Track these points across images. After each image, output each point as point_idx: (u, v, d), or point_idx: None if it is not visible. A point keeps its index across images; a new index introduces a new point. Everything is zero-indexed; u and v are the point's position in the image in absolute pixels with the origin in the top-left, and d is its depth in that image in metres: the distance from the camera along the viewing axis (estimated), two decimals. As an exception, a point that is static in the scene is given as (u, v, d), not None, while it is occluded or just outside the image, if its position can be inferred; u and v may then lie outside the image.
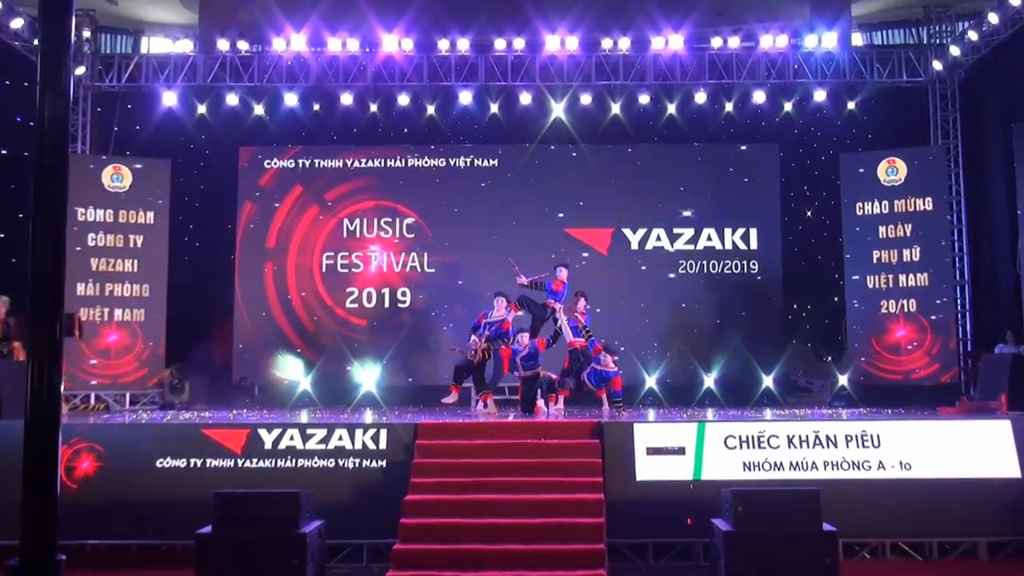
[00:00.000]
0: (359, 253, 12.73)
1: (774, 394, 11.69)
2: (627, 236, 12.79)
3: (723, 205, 12.66)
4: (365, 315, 12.56)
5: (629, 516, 7.34)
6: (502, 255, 11.03)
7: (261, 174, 12.92)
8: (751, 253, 12.56)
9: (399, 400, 11.63)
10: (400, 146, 12.87)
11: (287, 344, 12.40)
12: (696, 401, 11.63)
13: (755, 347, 12.00)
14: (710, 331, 12.35)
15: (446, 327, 12.38)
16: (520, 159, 12.75)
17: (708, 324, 12.40)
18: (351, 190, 12.95)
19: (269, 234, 12.73)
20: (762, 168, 12.78)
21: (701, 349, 12.13)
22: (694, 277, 12.54)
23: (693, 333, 12.30)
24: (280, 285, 12.64)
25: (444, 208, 12.83)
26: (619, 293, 12.37)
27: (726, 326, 12.26)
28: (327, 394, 11.85)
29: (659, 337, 12.39)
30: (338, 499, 7.50)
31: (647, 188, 12.78)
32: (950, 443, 7.71)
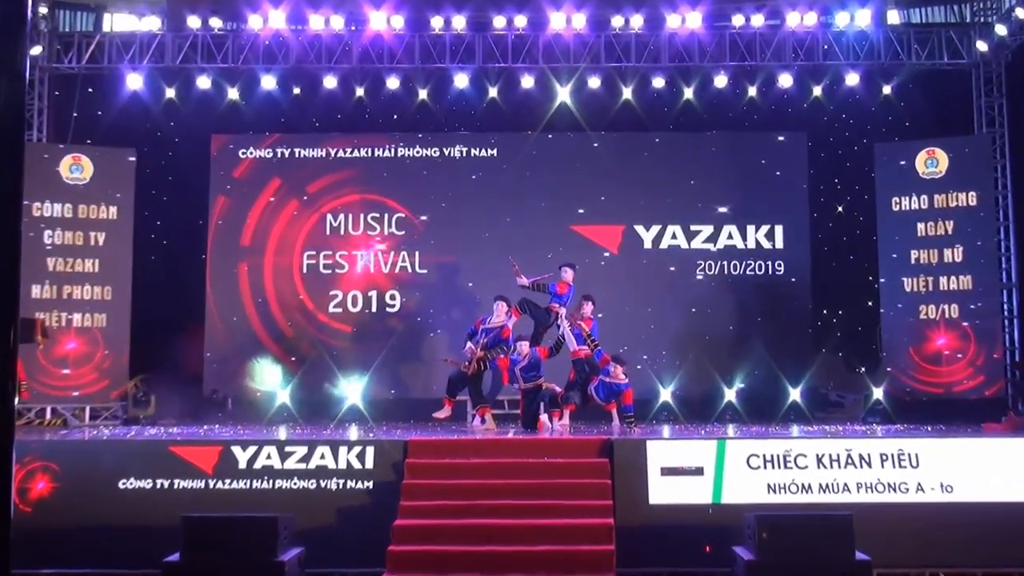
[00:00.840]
0: (343, 252, 12.72)
1: (801, 409, 11.68)
2: (639, 234, 12.78)
3: (745, 200, 12.68)
4: (350, 320, 12.58)
5: (641, 543, 7.33)
6: (501, 254, 11.03)
7: (235, 165, 12.91)
8: (776, 253, 12.57)
9: (387, 415, 11.62)
10: (389, 134, 12.86)
11: (264, 353, 12.40)
12: (715, 416, 11.61)
13: (780, 357, 12.00)
14: (731, 339, 12.36)
15: (439, 333, 12.40)
16: (521, 149, 12.75)
17: (729, 331, 12.41)
18: (335, 182, 12.94)
19: (244, 231, 12.72)
20: (788, 159, 12.78)
21: (721, 359, 12.14)
22: (713, 279, 12.55)
23: (712, 341, 12.30)
24: (256, 287, 12.64)
25: (437, 203, 12.82)
26: (630, 296, 12.39)
27: (748, 333, 12.28)
28: (308, 408, 11.84)
29: (674, 345, 12.39)
30: (320, 524, 7.49)
31: (661, 181, 12.80)
32: (996, 463, 7.72)
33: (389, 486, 7.58)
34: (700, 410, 11.72)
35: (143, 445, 8.17)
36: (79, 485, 7.65)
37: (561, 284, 9.97)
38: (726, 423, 11.02)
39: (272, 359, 12.31)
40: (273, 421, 11.28)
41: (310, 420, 11.31)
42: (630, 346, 11.59)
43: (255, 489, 7.66)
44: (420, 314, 12.59)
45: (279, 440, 8.13)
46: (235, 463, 7.74)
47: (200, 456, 7.79)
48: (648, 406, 11.62)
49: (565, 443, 8.24)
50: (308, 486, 7.66)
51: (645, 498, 7.53)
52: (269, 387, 11.98)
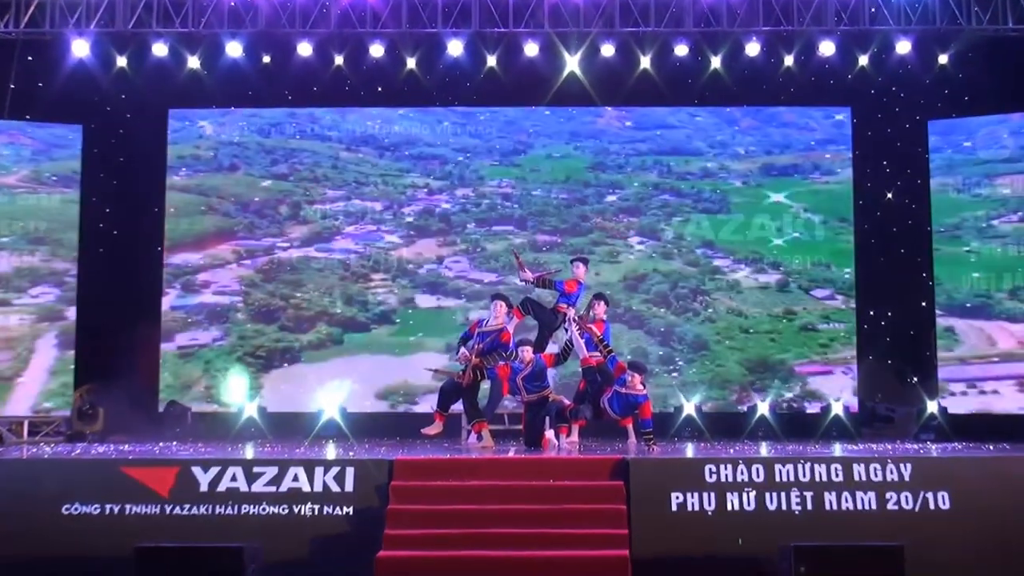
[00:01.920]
0: (326, 244, 12.81)
1: (845, 424, 11.73)
2: (659, 223, 12.83)
3: (780, 184, 12.65)
4: (328, 321, 12.65)
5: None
6: (503, 246, 11.07)
7: (197, 143, 12.94)
8: (815, 245, 12.55)
9: (370, 430, 11.67)
10: (372, 108, 12.89)
11: (229, 360, 12.44)
12: (747, 432, 11.65)
13: (802, 349, 12.09)
14: (764, 343, 12.39)
15: (430, 336, 12.42)
16: (524, 125, 12.82)
17: (762, 334, 12.45)
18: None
19: (206, 218, 12.84)
20: (830, 138, 12.76)
21: (753, 366, 12.14)
22: (743, 274, 12.54)
23: (743, 346, 12.31)
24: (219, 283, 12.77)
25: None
26: (648, 295, 12.39)
27: (784, 337, 12.26)
28: (279, 422, 11.88)
29: (699, 351, 12.40)
30: (292, 555, 7.48)
31: (685, 162, 12.82)
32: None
33: (372, 512, 7.57)
34: (729, 425, 11.76)
35: (90, 465, 8.14)
36: (17, 510, 7.61)
37: (570, 281, 9.91)
38: (758, 440, 11.05)
39: (238, 367, 12.33)
40: (239, 437, 11.32)
41: (282, 436, 11.34)
42: (648, 352, 11.62)
43: (218, 515, 7.63)
44: (409, 314, 12.71)
45: (246, 459, 8.13)
46: (195, 485, 7.72)
47: (155, 477, 7.76)
48: (669, 421, 11.65)
49: (574, 463, 8.21)
50: (279, 512, 7.63)
51: (666, 526, 7.54)
52: (235, 399, 12.06)
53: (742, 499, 7.65)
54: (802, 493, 7.68)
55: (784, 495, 7.66)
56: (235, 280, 13.10)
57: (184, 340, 12.95)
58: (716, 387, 12.61)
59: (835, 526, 7.56)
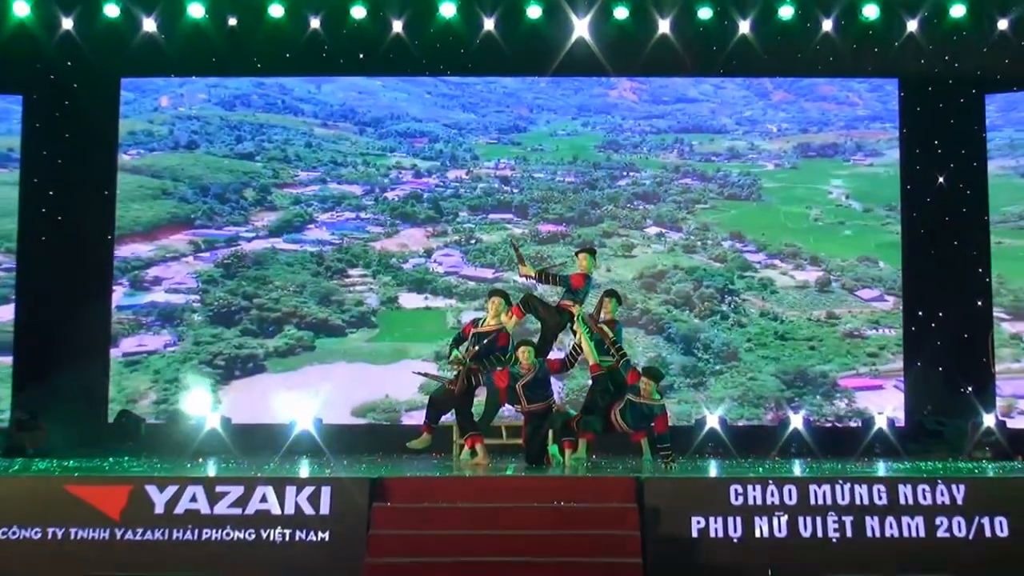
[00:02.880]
0: (297, 234, 12.92)
1: (889, 439, 11.80)
2: (679, 211, 12.93)
3: (819, 167, 12.72)
4: (301, 321, 12.74)
5: (679, 614, 7.37)
6: (500, 237, 11.11)
7: (153, 117, 12.99)
8: (861, 238, 12.68)
9: (349, 444, 11.73)
10: (352, 78, 12.98)
11: (188, 365, 12.50)
12: (779, 448, 11.73)
13: (847, 359, 12.12)
14: (803, 352, 12.47)
15: (416, 342, 12.49)
16: (525, 97, 12.87)
17: (800, 342, 12.52)
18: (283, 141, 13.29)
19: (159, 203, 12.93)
20: (875, 114, 12.81)
21: (790, 379, 12.21)
22: (778, 271, 12.62)
23: (778, 355, 12.41)
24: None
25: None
26: (668, 295, 12.50)
27: (826, 345, 12.35)
28: (246, 436, 11.92)
29: (728, 361, 12.47)
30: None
31: (709, 141, 12.89)
32: None
33: (350, 538, 7.54)
34: (758, 440, 11.85)
35: (30, 483, 8.08)
36: (-54, 535, 7.63)
37: (576, 275, 9.92)
38: (791, 458, 11.09)
39: (199, 373, 12.39)
40: (200, 453, 11.35)
41: (248, 452, 11.38)
42: (667, 357, 11.70)
43: (176, 541, 7.61)
44: (394, 313, 12.79)
45: (207, 477, 8.12)
46: (150, 507, 7.70)
47: (105, 498, 7.73)
48: (690, 435, 11.71)
49: (581, 483, 8.15)
50: (244, 538, 7.60)
51: (686, 555, 7.54)
52: (195, 410, 12.10)
53: (772, 524, 7.63)
54: (840, 518, 7.67)
55: (820, 520, 7.65)
56: (191, 276, 13.09)
57: (130, 346, 12.88)
58: (748, 404, 12.57)
59: (878, 555, 7.58)
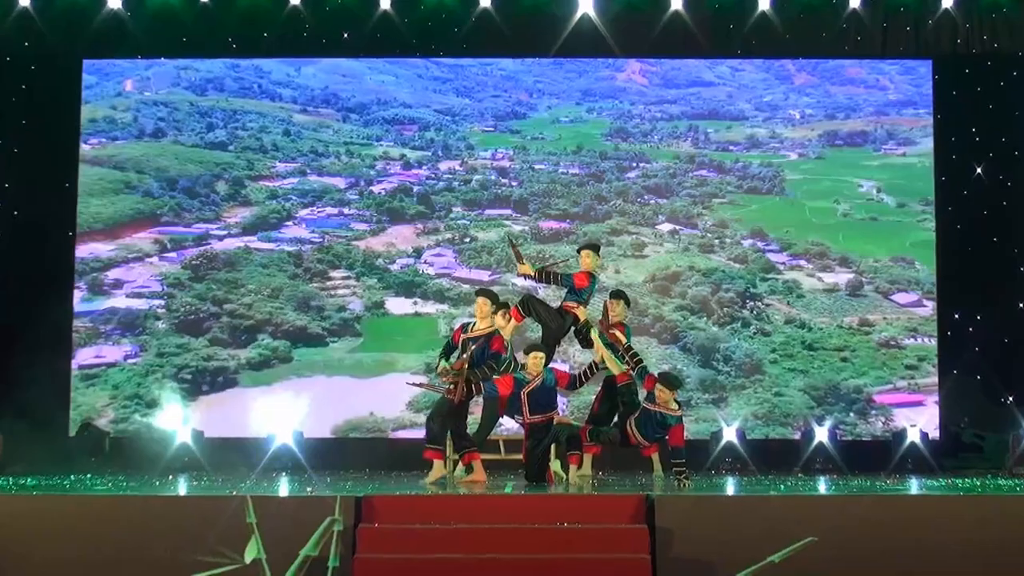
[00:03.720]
0: (273, 232, 13.10)
1: (923, 454, 11.91)
2: (695, 206, 13.09)
3: (847, 157, 12.91)
4: (277, 329, 12.86)
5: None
6: (498, 235, 11.18)
7: (116, 102, 13.19)
8: (894, 235, 12.86)
9: (333, 459, 11.83)
10: (336, 59, 13.21)
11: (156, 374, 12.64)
12: (802, 463, 11.85)
13: (877, 367, 12.32)
14: (834, 364, 12.60)
15: (404, 352, 12.62)
16: (525, 80, 13.02)
17: (830, 352, 12.67)
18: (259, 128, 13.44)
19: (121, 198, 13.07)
20: (907, 98, 13.02)
21: (820, 395, 12.36)
22: (804, 273, 12.80)
23: (806, 367, 12.54)
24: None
25: (405, 159, 13.20)
26: (684, 300, 12.70)
27: (859, 356, 12.49)
28: (219, 451, 12.00)
29: (751, 375, 12.59)
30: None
31: (726, 128, 13.05)
32: None
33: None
34: (780, 455, 11.95)
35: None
36: None
37: (580, 274, 9.91)
38: (815, 475, 11.20)
39: (167, 383, 12.56)
40: (170, 469, 11.42)
41: (221, 468, 11.46)
42: (684, 376, 11.79)
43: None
44: (379, 317, 12.88)
45: (176, 496, 8.25)
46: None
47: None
48: (706, 449, 11.84)
49: (587, 502, 8.24)
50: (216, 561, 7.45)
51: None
52: (164, 422, 12.19)
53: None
54: (870, 540, 7.62)
55: (847, 542, 7.54)
56: (155, 279, 13.07)
57: (87, 357, 12.85)
58: (775, 422, 12.55)
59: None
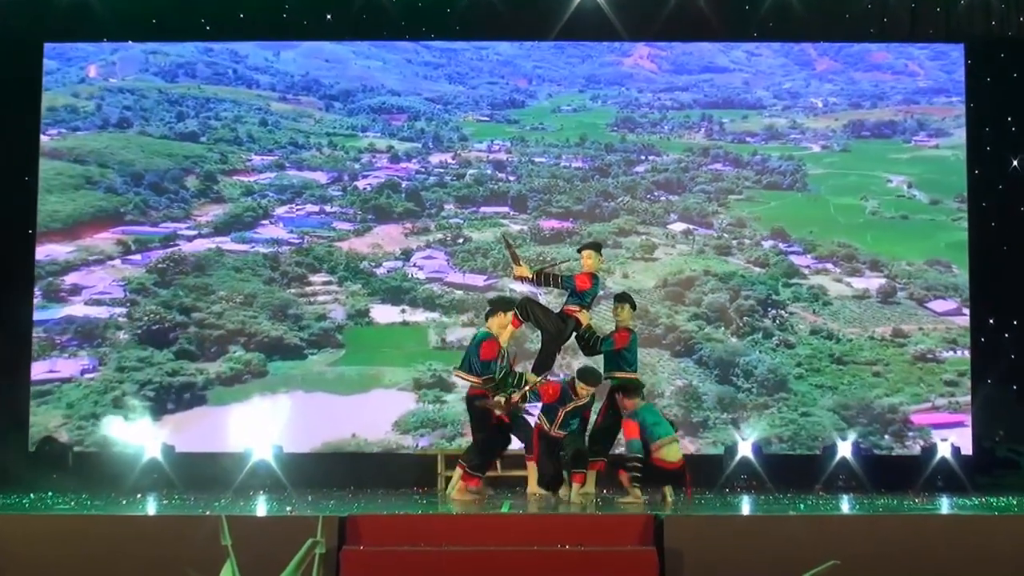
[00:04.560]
0: (248, 232, 13.33)
1: (954, 470, 12.04)
2: (709, 203, 13.34)
3: (874, 149, 13.19)
4: (251, 340, 13.03)
5: None
6: (494, 235, 11.61)
7: (78, 90, 13.51)
8: (928, 236, 13.05)
9: (315, 476, 11.97)
10: (318, 43, 13.54)
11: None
12: (823, 479, 12.01)
13: (913, 383, 12.46)
14: (866, 380, 12.76)
15: (392, 366, 12.84)
16: (523, 66, 13.26)
17: (862, 366, 12.83)
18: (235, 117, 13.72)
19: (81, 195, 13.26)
20: (938, 85, 13.33)
21: (851, 414, 12.53)
22: (831, 277, 13.02)
23: (835, 383, 12.72)
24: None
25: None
26: (699, 308, 12.95)
27: (893, 371, 12.67)
28: (191, 467, 12.16)
29: (775, 392, 12.72)
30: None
31: (743, 118, 13.39)
32: None
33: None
34: (798, 472, 12.10)
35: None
36: None
37: (582, 275, 10.08)
38: (838, 493, 11.37)
39: (134, 392, 12.76)
40: (137, 488, 11.51)
41: (194, 485, 11.57)
42: (699, 393, 12.14)
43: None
44: (366, 326, 13.11)
45: (144, 516, 8.43)
46: (78, 552, 7.76)
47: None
48: (719, 465, 12.07)
49: (591, 522, 8.31)
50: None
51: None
52: (131, 436, 12.37)
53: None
54: (896, 562, 7.75)
55: (873, 566, 7.69)
56: (117, 284, 13.15)
57: (40, 372, 12.88)
58: (802, 445, 12.59)
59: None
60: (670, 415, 12.33)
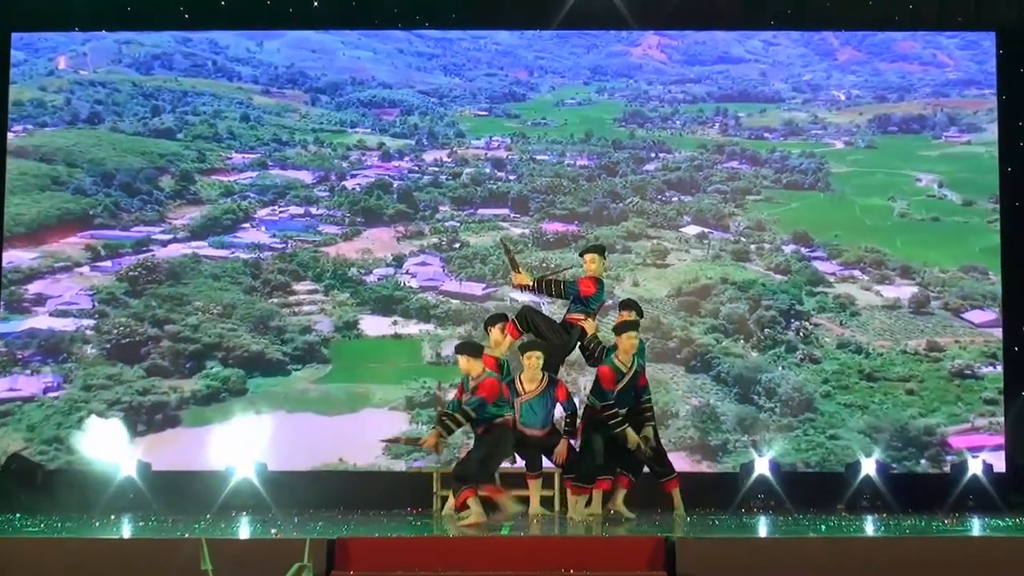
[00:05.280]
0: (227, 237, 13.49)
1: (986, 488, 12.11)
2: (725, 205, 13.54)
3: (901, 145, 13.44)
4: (229, 355, 13.19)
5: None
6: (493, 239, 11.76)
7: (46, 83, 13.77)
8: (962, 240, 13.22)
9: (301, 495, 12.08)
10: (303, 33, 13.81)
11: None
12: (846, 499, 12.14)
13: (950, 401, 12.63)
14: (898, 398, 12.90)
15: (382, 384, 13.00)
16: (524, 57, 13.42)
17: (894, 383, 12.97)
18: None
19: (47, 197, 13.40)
20: (969, 77, 13.58)
21: (878, 429, 12.69)
22: (859, 285, 13.19)
23: (866, 402, 12.86)
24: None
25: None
26: (716, 320, 13.13)
27: (928, 388, 12.81)
28: (168, 486, 12.31)
29: (801, 413, 12.87)
30: None
31: (760, 112, 13.63)
32: None
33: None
34: (819, 491, 12.23)
35: None
36: None
37: (586, 280, 10.13)
38: (862, 513, 11.49)
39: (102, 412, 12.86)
40: (112, 508, 11.60)
41: (173, 506, 11.71)
42: (718, 413, 12.31)
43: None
44: (356, 335, 13.30)
45: (118, 539, 8.50)
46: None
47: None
48: (734, 484, 12.20)
49: (596, 545, 8.34)
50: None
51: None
52: (105, 453, 12.39)
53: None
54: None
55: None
56: (84, 293, 13.24)
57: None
58: (829, 472, 12.55)
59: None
60: (685, 437, 12.68)
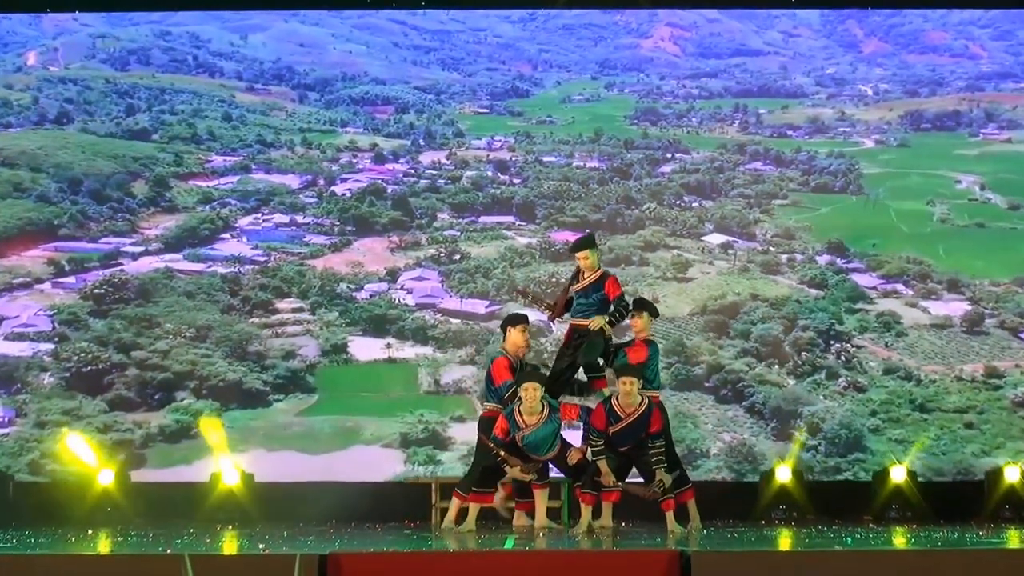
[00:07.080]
0: (204, 249, 14.88)
1: (1021, 498, 13.23)
2: (750, 211, 14.92)
3: (936, 144, 15.04)
4: (203, 384, 14.42)
5: None
6: (496, 249, 12.96)
7: (13, 80, 15.44)
8: (1012, 247, 14.49)
9: (291, 507, 13.25)
10: (290, 23, 15.38)
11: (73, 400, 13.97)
12: (875, 511, 13.28)
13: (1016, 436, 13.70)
14: (955, 432, 14.03)
15: (374, 416, 14.16)
16: (534, 32, 14.78)
17: (950, 415, 14.14)
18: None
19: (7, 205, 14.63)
20: (1005, 68, 15.37)
21: (928, 462, 13.76)
22: (903, 301, 14.45)
23: (911, 428, 14.02)
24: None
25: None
26: (747, 342, 14.40)
27: (990, 419, 13.90)
28: (151, 497, 13.53)
29: (848, 452, 13.96)
30: None
31: (782, 108, 15.20)
32: None
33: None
34: (846, 499, 13.47)
35: None
36: None
37: (610, 281, 11.18)
38: (890, 525, 12.58)
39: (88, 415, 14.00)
40: (90, 522, 12.72)
41: (155, 519, 12.91)
42: (754, 450, 13.37)
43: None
44: (347, 341, 14.63)
45: (94, 555, 9.28)
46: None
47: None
48: (755, 494, 13.45)
49: (607, 559, 8.96)
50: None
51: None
52: (83, 462, 13.51)
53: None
54: None
55: None
56: (44, 314, 14.46)
57: None
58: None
59: None
60: (718, 480, 13.63)
